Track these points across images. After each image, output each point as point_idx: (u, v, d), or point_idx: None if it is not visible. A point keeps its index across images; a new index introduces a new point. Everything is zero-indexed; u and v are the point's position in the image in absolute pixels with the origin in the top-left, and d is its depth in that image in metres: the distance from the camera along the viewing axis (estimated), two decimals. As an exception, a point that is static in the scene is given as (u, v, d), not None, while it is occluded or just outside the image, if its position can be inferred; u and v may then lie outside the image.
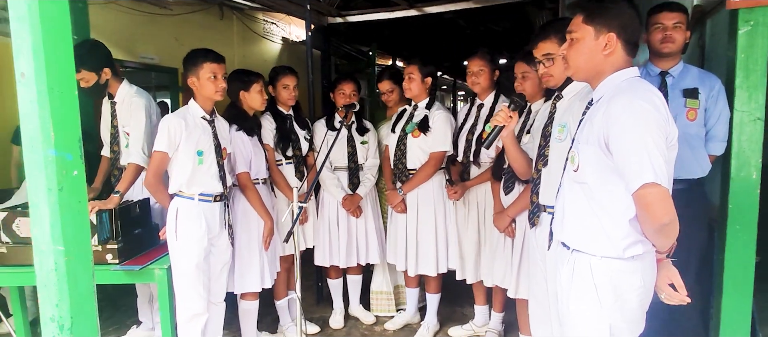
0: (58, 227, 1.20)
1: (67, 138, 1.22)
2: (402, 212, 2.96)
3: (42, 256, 1.21)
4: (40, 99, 1.17)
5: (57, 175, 1.19)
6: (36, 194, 1.20)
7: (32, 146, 1.19)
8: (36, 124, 1.18)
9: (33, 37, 1.17)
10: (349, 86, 3.12)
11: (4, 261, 2.43)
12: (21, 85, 1.18)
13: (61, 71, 1.21)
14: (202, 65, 2.33)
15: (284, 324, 3.13)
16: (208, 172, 2.36)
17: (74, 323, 1.24)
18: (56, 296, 1.22)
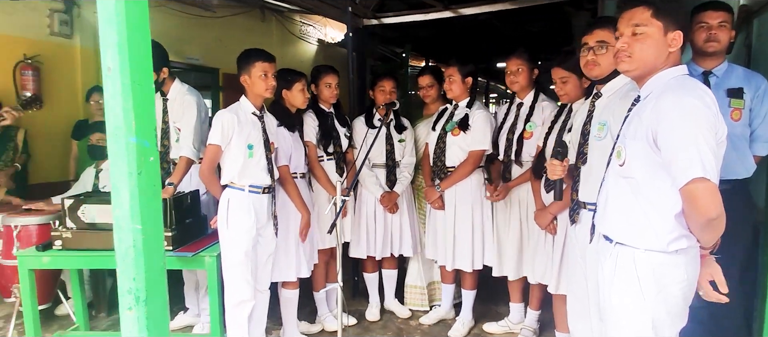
0: (136, 207, 1.32)
1: (145, 127, 1.34)
2: (440, 208, 3.02)
3: (121, 234, 1.34)
4: (124, 91, 1.29)
5: (137, 160, 1.31)
6: (118, 177, 1.32)
7: (115, 134, 1.31)
8: (120, 114, 1.30)
9: (119, 36, 1.29)
10: (389, 84, 3.21)
11: (69, 245, 2.61)
12: (107, 79, 1.30)
13: (141, 67, 1.33)
14: (254, 64, 2.46)
15: (322, 315, 3.23)
16: (257, 165, 2.48)
17: (148, 296, 1.35)
18: (133, 270, 1.34)
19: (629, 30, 1.55)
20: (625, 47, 1.57)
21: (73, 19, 4.94)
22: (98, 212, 2.62)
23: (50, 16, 4.77)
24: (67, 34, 4.90)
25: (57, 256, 2.60)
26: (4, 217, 3.04)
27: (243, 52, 2.52)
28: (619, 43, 1.60)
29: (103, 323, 3.32)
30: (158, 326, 1.38)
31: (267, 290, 2.67)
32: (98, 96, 4.18)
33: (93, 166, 3.56)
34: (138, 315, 1.35)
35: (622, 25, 1.58)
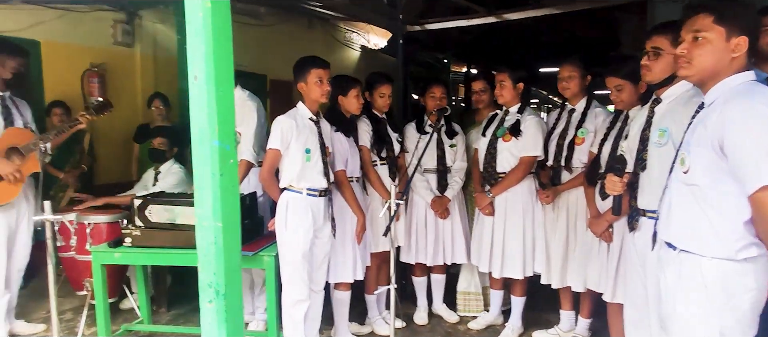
0: (218, 206, 1.41)
1: (226, 132, 1.43)
2: (490, 214, 3.03)
3: (204, 231, 1.43)
4: (209, 99, 1.39)
5: (220, 162, 1.41)
6: (201, 178, 1.42)
7: (200, 138, 1.41)
8: (204, 119, 1.39)
9: (206, 47, 1.39)
10: (440, 90, 3.26)
11: (137, 242, 2.77)
12: (193, 87, 1.40)
13: (224, 75, 1.42)
14: (310, 71, 2.55)
15: (372, 317, 3.29)
16: (314, 168, 2.57)
17: (227, 290, 1.44)
18: (214, 265, 1.43)
19: (690, 36, 1.55)
20: (684, 53, 1.57)
21: (135, 29, 5.22)
22: (164, 211, 2.76)
23: (114, 26, 5.06)
24: (129, 43, 5.18)
25: (127, 252, 2.77)
26: (78, 215, 3.25)
27: (299, 60, 2.62)
28: (678, 49, 1.60)
29: (163, 318, 3.49)
30: (234, 320, 1.46)
31: (322, 290, 2.75)
32: (159, 102, 4.42)
33: (152, 168, 3.75)
34: (217, 308, 1.43)
35: (684, 31, 1.58)
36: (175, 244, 2.73)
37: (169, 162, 3.66)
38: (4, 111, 2.97)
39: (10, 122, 2.99)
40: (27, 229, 3.14)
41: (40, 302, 3.77)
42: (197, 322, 3.44)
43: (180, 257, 2.72)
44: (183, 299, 3.75)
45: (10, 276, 3.07)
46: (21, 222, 3.10)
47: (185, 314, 3.59)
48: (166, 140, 3.64)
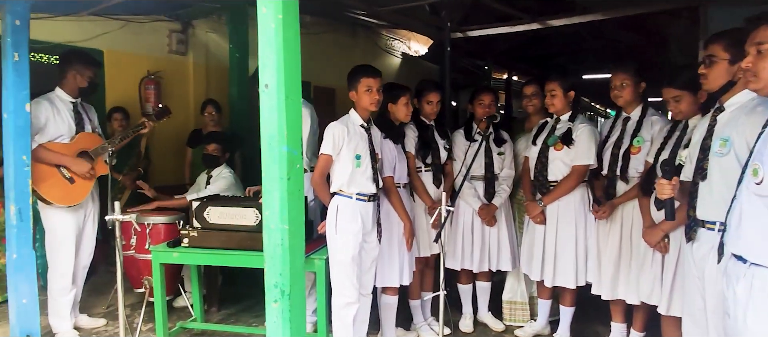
0: (285, 209, 1.47)
1: (294, 138, 1.49)
2: (541, 223, 3.01)
3: (271, 233, 1.49)
4: (279, 106, 1.45)
5: (288, 167, 1.47)
6: (270, 182, 1.48)
7: (270, 144, 1.47)
8: (274, 126, 1.46)
9: (277, 57, 1.46)
10: (489, 97, 3.26)
11: (194, 243, 2.89)
12: (264, 95, 1.47)
13: (293, 84, 1.49)
14: (360, 80, 2.61)
15: (417, 323, 3.30)
16: (364, 174, 2.62)
17: (292, 290, 1.50)
18: (280, 266, 1.49)
19: (754, 49, 1.57)
20: (749, 66, 1.58)
21: (188, 39, 5.45)
22: (220, 214, 2.87)
23: (169, 36, 5.30)
24: (183, 51, 5.41)
25: (185, 252, 2.89)
26: (138, 216, 3.41)
27: (351, 69, 2.69)
28: (743, 63, 1.62)
29: (214, 317, 3.61)
30: (298, 319, 1.52)
31: (370, 294, 2.79)
32: (212, 108, 4.59)
33: (205, 172, 3.90)
34: (282, 308, 1.49)
35: (748, 44, 1.60)
36: (229, 245, 2.84)
37: (220, 167, 3.80)
38: (76, 117, 3.16)
39: (81, 127, 3.18)
40: (92, 228, 3.32)
41: (99, 297, 3.97)
42: (247, 321, 3.58)
43: (235, 258, 2.82)
44: (232, 298, 3.88)
45: (76, 272, 3.25)
46: (87, 221, 3.28)
47: (235, 313, 3.71)
48: (219, 146, 3.78)
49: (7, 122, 2.65)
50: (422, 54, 9.66)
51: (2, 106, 2.67)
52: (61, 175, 3.07)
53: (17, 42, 2.60)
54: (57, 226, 3.13)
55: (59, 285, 3.17)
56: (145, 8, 4.73)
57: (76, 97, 3.19)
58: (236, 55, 4.95)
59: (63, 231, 3.14)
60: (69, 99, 3.16)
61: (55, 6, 3.84)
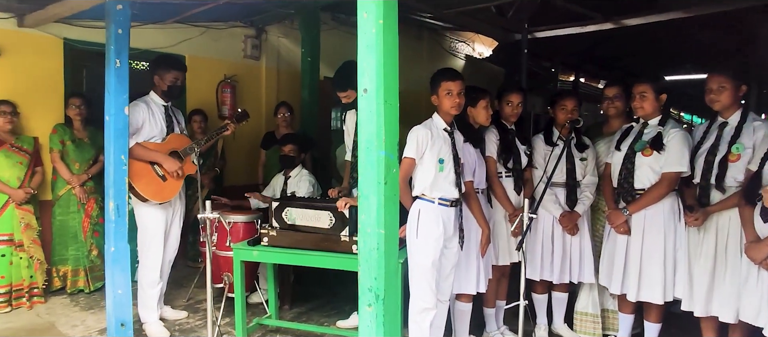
0: (382, 213, 1.47)
1: (391, 142, 1.49)
2: (625, 233, 2.86)
3: (367, 237, 1.50)
4: (378, 110, 1.46)
5: (385, 171, 1.47)
6: (367, 186, 1.49)
7: (367, 148, 1.48)
8: (373, 130, 1.46)
9: (377, 61, 1.46)
10: (572, 102, 3.14)
11: (273, 242, 2.97)
12: (362, 99, 1.48)
13: (391, 88, 1.49)
14: (440, 83, 2.58)
15: (490, 331, 3.23)
16: (446, 178, 2.59)
17: (387, 294, 1.49)
18: (376, 271, 1.49)
19: None
20: None
21: (261, 44, 5.64)
22: (298, 215, 2.94)
23: (244, 41, 5.51)
24: (256, 56, 5.61)
25: (264, 251, 2.98)
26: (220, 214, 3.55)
27: (434, 73, 2.66)
28: None
29: (287, 315, 3.69)
30: (392, 323, 1.51)
31: (448, 300, 2.76)
32: (285, 110, 4.71)
33: (281, 173, 4.00)
34: (377, 312, 1.49)
35: None
36: (305, 246, 2.89)
37: (297, 168, 3.89)
38: (167, 119, 3.34)
39: (171, 129, 3.36)
40: (178, 225, 3.50)
41: (179, 290, 4.17)
42: (318, 320, 3.64)
43: (311, 259, 2.87)
44: (303, 297, 3.96)
45: (162, 267, 3.43)
46: (175, 218, 3.46)
47: (306, 312, 3.78)
48: (295, 147, 3.87)
49: (109, 124, 2.84)
50: (486, 56, 9.50)
51: (105, 109, 2.86)
52: (155, 173, 3.25)
53: (119, 49, 2.78)
54: (149, 222, 3.32)
55: (149, 278, 3.35)
56: (223, 15, 4.94)
57: (166, 101, 3.37)
58: (308, 59, 5.07)
59: (154, 227, 3.32)
60: (161, 102, 3.35)
61: (146, 15, 4.08)
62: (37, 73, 4.04)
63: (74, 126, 4.02)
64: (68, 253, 3.99)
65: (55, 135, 3.92)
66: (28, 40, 3.98)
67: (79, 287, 4.03)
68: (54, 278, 3.99)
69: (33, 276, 3.75)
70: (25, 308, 3.69)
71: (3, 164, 3.64)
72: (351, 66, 3.20)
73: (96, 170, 4.05)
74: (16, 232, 3.69)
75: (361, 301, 1.52)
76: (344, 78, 3.10)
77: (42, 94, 4.06)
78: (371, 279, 1.50)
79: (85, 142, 4.04)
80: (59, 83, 4.19)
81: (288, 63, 5.87)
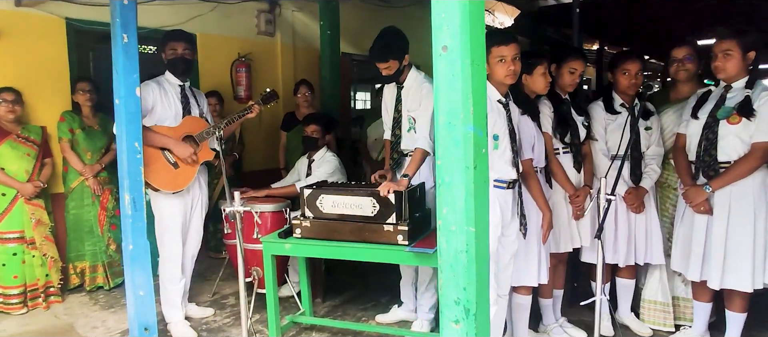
0: (471, 207, 1.15)
1: (480, 115, 1.16)
2: (705, 212, 2.52)
3: (451, 236, 1.18)
4: (464, 73, 1.13)
5: (474, 152, 1.14)
6: (450, 171, 1.16)
7: (449, 122, 1.15)
8: (457, 99, 1.14)
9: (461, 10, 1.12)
10: (635, 65, 2.78)
11: (307, 233, 2.67)
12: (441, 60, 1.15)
13: (478, 45, 1.16)
14: (491, 50, 2.22)
15: (547, 323, 2.93)
16: (502, 157, 2.26)
17: (478, 309, 1.18)
18: (464, 279, 1.18)
19: None
20: None
21: (275, 18, 5.28)
22: (334, 203, 2.62)
23: (258, 16, 5.14)
24: (271, 32, 5.25)
25: (297, 244, 2.68)
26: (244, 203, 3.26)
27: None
28: None
29: (320, 310, 3.42)
30: (483, 343, 1.21)
31: (507, 295, 2.45)
32: (306, 89, 4.38)
33: (305, 156, 3.69)
34: (466, 330, 1.18)
35: None
36: (344, 237, 2.59)
37: (322, 150, 3.58)
38: (183, 100, 3.03)
39: (188, 111, 3.05)
40: (200, 215, 3.21)
41: (203, 284, 3.92)
42: (354, 315, 3.35)
43: (353, 251, 2.57)
44: (334, 288, 3.68)
45: (184, 262, 3.15)
46: (195, 209, 3.17)
47: (340, 305, 3.51)
48: (318, 128, 3.55)
49: (119, 108, 2.54)
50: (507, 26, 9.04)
51: (113, 91, 2.55)
52: (166, 159, 2.95)
53: (126, 23, 2.46)
54: (164, 212, 3.04)
55: (169, 273, 3.08)
56: (235, -13, 4.60)
57: (181, 80, 3.05)
58: (328, 32, 4.70)
59: (171, 219, 3.04)
60: (177, 82, 3.03)
61: (153, -12, 3.75)
62: (39, 57, 3.74)
63: (83, 113, 3.73)
64: (85, 248, 3.74)
65: (63, 123, 3.63)
66: (27, 20, 3.67)
67: (98, 283, 3.79)
68: (71, 275, 3.75)
69: (48, 275, 3.51)
70: (42, 308, 3.46)
71: (9, 157, 3.36)
72: (392, 33, 2.86)
73: (109, 159, 3.77)
74: (27, 229, 3.43)
75: (445, 316, 1.21)
76: (385, 46, 2.76)
77: (46, 79, 3.76)
78: (458, 290, 1.19)
79: (96, 129, 3.75)
80: (64, 67, 3.88)
81: (304, 38, 5.51)
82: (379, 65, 2.77)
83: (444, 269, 1.21)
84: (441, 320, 1.22)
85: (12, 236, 3.37)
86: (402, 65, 2.76)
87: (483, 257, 1.19)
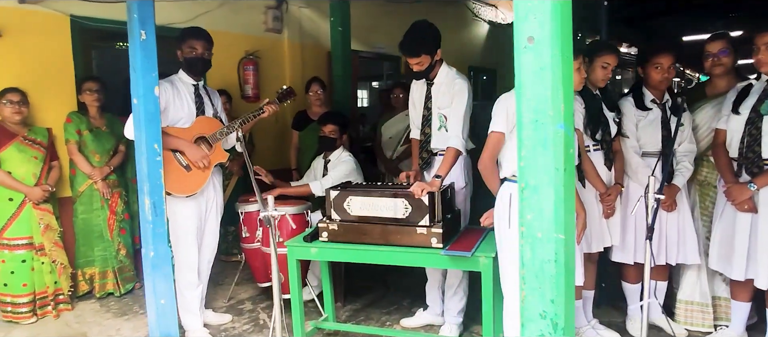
0: (561, 212, 1.06)
1: (569, 112, 1.07)
2: (750, 210, 2.44)
3: (537, 244, 1.08)
4: (554, 65, 1.03)
5: (564, 153, 1.05)
6: (537, 173, 1.07)
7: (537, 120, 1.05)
8: (546, 94, 1.04)
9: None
10: (668, 59, 2.70)
11: (334, 237, 2.57)
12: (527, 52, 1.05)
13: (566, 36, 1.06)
14: None
15: (579, 326, 2.84)
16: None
17: (566, 323, 1.09)
18: (552, 291, 1.08)
19: None
20: None
21: (283, 15, 5.15)
22: (363, 204, 2.52)
23: (265, 13, 5.01)
24: (278, 29, 5.12)
25: (324, 248, 2.58)
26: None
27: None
28: None
29: (342, 314, 3.32)
30: (570, 359, 1.12)
31: (548, 298, 2.36)
32: (318, 87, 4.26)
33: (321, 156, 3.58)
34: (554, 345, 1.09)
35: None
36: (374, 240, 2.49)
37: (338, 150, 3.47)
38: (197, 100, 2.91)
39: (201, 111, 2.93)
40: (215, 219, 3.09)
41: (217, 289, 3.81)
42: (378, 319, 3.25)
43: (386, 255, 2.46)
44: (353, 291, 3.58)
45: (201, 268, 3.04)
46: (210, 212, 3.05)
47: (363, 308, 3.41)
48: (337, 127, 3.44)
49: (138, 108, 2.41)
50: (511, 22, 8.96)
51: (131, 90, 2.42)
52: (178, 162, 2.83)
53: (143, 18, 2.34)
54: (178, 217, 2.92)
55: (186, 279, 2.97)
56: (242, -17, 4.47)
57: (195, 79, 2.93)
58: (338, 28, 4.58)
59: (185, 223, 2.93)
60: (191, 81, 2.91)
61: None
62: (44, 56, 3.59)
63: (90, 114, 3.59)
64: (95, 254, 3.61)
65: (70, 124, 3.50)
66: (31, 18, 3.53)
67: (108, 290, 3.66)
68: (80, 281, 3.61)
69: (57, 282, 3.38)
70: (52, 317, 3.33)
71: (16, 160, 3.23)
72: (424, 27, 2.74)
73: (118, 162, 3.64)
74: (35, 234, 3.30)
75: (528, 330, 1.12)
76: (417, 40, 2.65)
77: (51, 79, 3.62)
78: (545, 302, 1.09)
79: (103, 130, 3.62)
80: (69, 66, 3.74)
81: (312, 36, 5.39)
82: (410, 61, 2.67)
83: (528, 279, 1.11)
84: (522, 334, 1.13)
85: (21, 243, 3.23)
86: (433, 61, 2.66)
87: (570, 267, 1.09)
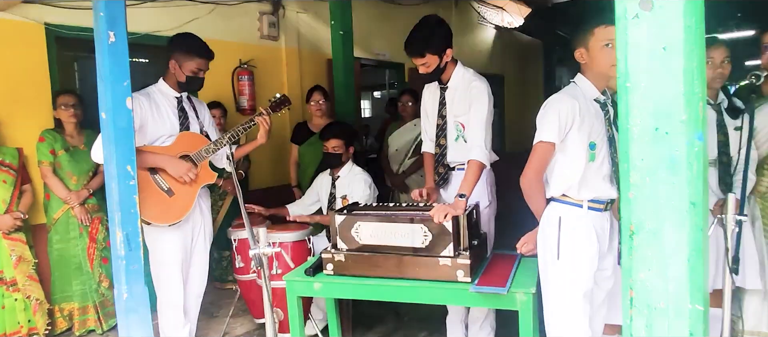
0: (699, 270, 0.68)
1: (705, 118, 0.70)
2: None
3: (656, 318, 0.70)
4: (688, 44, 0.67)
5: (702, 180, 0.68)
6: (659, 210, 0.68)
7: (658, 126, 0.68)
8: (674, 87, 0.68)
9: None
10: (721, 53, 2.34)
11: (341, 270, 2.18)
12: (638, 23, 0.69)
13: (699, 38, 0.69)
14: (594, 31, 1.76)
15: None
16: (599, 171, 1.79)
17: None
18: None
19: None
20: None
21: (279, 21, 4.82)
22: (374, 231, 2.14)
23: (260, 19, 4.68)
24: (275, 36, 4.78)
25: (329, 283, 2.19)
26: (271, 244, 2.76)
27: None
28: None
29: (350, 351, 2.93)
30: None
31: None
32: (319, 96, 3.89)
33: (327, 173, 3.21)
34: None
35: None
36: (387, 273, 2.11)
37: (347, 165, 3.10)
38: (180, 114, 2.54)
39: (185, 126, 2.56)
40: (204, 248, 2.71)
41: (210, 322, 3.43)
42: (387, 357, 2.87)
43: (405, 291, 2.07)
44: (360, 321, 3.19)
45: (188, 304, 2.66)
46: (197, 241, 2.67)
47: (372, 344, 3.02)
48: (341, 142, 3.06)
49: (106, 123, 2.04)
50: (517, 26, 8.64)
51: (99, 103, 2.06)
52: (157, 186, 2.45)
53: (112, 18, 1.98)
54: (160, 248, 2.53)
55: (170, 320, 2.59)
56: (234, -13, 4.13)
57: (179, 92, 2.57)
58: (340, 33, 4.22)
59: (167, 256, 2.54)
60: (173, 94, 2.55)
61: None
62: (16, 68, 3.24)
63: (66, 131, 3.23)
64: (73, 288, 3.22)
65: (43, 144, 3.13)
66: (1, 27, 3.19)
67: (88, 327, 3.27)
68: (58, 318, 3.23)
69: (31, 320, 3.01)
70: (25, 360, 2.95)
71: (-20, 185, 2.87)
72: (432, 24, 2.37)
73: (98, 184, 3.26)
74: (6, 268, 2.93)
75: None
76: (421, 39, 2.27)
77: (24, 93, 3.26)
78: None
79: (82, 149, 3.24)
80: (45, 79, 3.38)
81: (310, 42, 5.06)
82: (415, 61, 2.30)
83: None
84: None
85: (-12, 279, 2.87)
86: (442, 62, 2.28)
87: None
